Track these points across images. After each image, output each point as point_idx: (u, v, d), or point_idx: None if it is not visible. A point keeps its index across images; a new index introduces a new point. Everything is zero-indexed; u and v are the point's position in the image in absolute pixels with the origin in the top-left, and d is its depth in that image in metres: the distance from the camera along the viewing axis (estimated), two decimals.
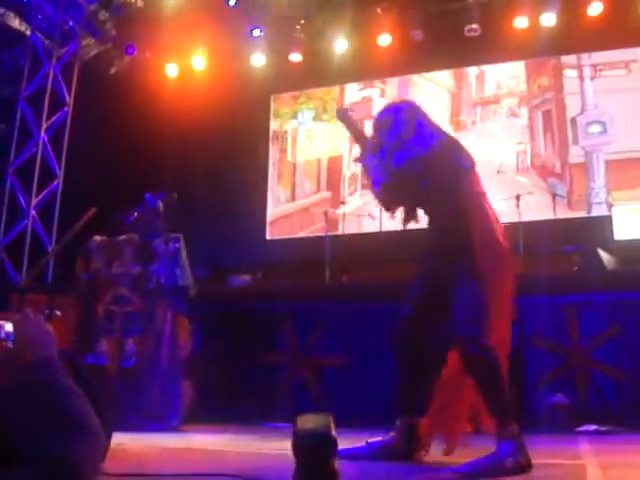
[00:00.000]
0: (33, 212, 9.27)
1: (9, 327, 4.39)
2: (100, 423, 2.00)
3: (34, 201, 9.31)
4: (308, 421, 3.87)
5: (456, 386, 3.53)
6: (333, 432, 2.39)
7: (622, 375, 5.52)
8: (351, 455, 3.43)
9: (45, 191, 9.45)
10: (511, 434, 3.20)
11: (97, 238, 6.65)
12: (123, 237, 6.56)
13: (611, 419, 5.17)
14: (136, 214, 6.52)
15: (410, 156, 3.60)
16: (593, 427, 5.10)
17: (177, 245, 6.45)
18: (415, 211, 3.84)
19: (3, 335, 4.57)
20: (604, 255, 6.32)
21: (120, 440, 3.46)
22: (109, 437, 2.47)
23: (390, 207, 3.87)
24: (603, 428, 5.05)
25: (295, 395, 6.52)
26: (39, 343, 2.03)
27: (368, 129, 4.03)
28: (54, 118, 9.62)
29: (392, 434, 3.66)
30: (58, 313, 6.18)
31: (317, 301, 6.82)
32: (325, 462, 2.34)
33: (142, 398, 5.85)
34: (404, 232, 9.46)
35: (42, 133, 9.44)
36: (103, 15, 9.36)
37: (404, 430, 3.62)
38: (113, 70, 9.88)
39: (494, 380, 3.30)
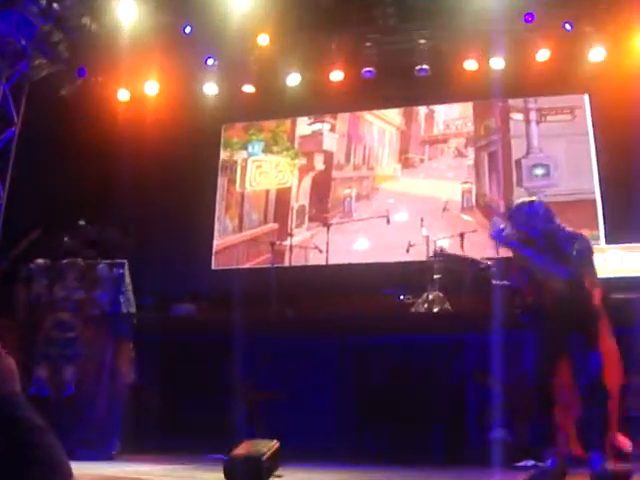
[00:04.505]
0: None
1: None
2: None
3: None
4: (247, 446, 3.79)
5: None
6: (265, 458, 2.35)
7: None
8: None
9: None
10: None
11: (39, 261, 6.53)
12: (66, 260, 6.45)
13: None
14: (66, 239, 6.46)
15: None
16: (531, 462, 5.15)
17: (121, 271, 6.37)
18: None
19: None
20: None
21: None
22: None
23: None
24: (541, 464, 5.10)
25: (238, 427, 6.44)
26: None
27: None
28: (1, 137, 9.43)
29: None
30: None
31: (263, 334, 6.78)
32: None
33: (81, 426, 5.73)
34: (350, 266, 9.44)
35: None
36: (56, 36, 9.20)
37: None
38: (63, 92, 9.73)
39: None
